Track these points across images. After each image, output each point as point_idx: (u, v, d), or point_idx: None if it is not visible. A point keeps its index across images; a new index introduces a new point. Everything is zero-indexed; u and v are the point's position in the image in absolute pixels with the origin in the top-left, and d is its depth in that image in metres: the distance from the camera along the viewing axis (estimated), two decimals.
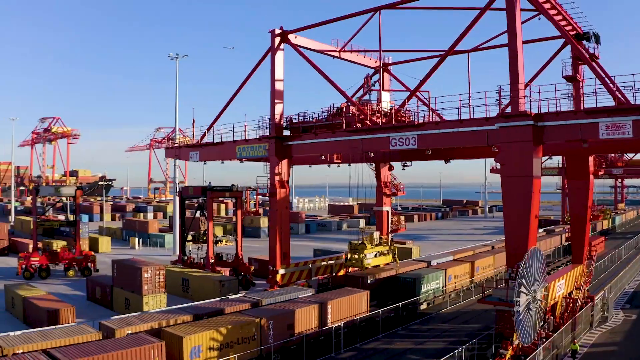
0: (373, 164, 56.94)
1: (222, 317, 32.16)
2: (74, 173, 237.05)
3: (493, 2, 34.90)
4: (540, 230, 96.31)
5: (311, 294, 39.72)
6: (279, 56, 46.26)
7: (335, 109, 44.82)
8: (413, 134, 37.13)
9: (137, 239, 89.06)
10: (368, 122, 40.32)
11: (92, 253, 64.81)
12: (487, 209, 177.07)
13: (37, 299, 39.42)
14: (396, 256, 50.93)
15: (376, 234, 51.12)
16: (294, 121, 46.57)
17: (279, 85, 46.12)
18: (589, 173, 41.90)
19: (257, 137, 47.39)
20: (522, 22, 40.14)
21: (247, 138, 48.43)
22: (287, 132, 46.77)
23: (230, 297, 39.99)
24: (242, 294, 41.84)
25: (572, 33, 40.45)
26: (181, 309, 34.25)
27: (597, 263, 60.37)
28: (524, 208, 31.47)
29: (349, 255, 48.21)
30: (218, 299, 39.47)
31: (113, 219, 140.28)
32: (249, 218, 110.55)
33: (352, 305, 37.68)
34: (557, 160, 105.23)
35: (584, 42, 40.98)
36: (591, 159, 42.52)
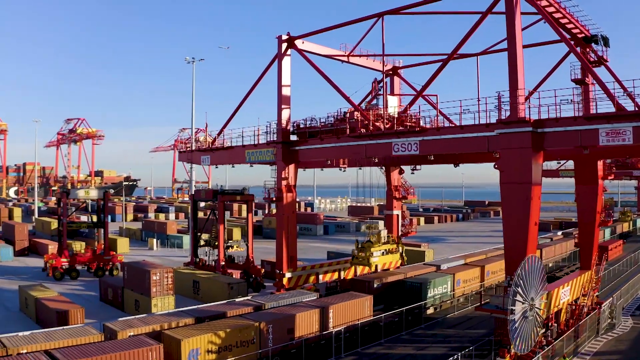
0: (383, 167, 56.94)
1: (222, 320, 32.77)
2: (99, 173, 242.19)
3: (494, 6, 34.69)
4: (559, 232, 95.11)
5: (315, 297, 40.04)
6: (286, 62, 46.70)
7: (342, 114, 45.08)
8: (415, 140, 37.19)
9: (155, 240, 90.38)
10: (371, 127, 40.45)
11: (114, 253, 66.05)
12: None
13: (49, 300, 40.57)
14: (403, 255, 51.04)
15: (383, 233, 51.26)
16: (301, 126, 46.98)
17: (285, 91, 46.58)
18: (598, 178, 41.29)
19: (265, 141, 47.92)
20: (529, 25, 40.17)
21: (257, 143, 49.00)
22: (294, 137, 47.20)
23: (236, 300, 40.57)
24: (250, 297, 42.41)
25: (580, 36, 40.00)
26: (184, 312, 34.91)
27: (611, 267, 59.34)
28: (523, 215, 31.28)
29: (356, 253, 48.57)
30: (224, 301, 40.06)
31: (135, 219, 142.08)
32: (267, 219, 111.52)
33: (354, 310, 37.83)
34: None
35: (593, 44, 40.45)
36: (600, 163, 41.87)
